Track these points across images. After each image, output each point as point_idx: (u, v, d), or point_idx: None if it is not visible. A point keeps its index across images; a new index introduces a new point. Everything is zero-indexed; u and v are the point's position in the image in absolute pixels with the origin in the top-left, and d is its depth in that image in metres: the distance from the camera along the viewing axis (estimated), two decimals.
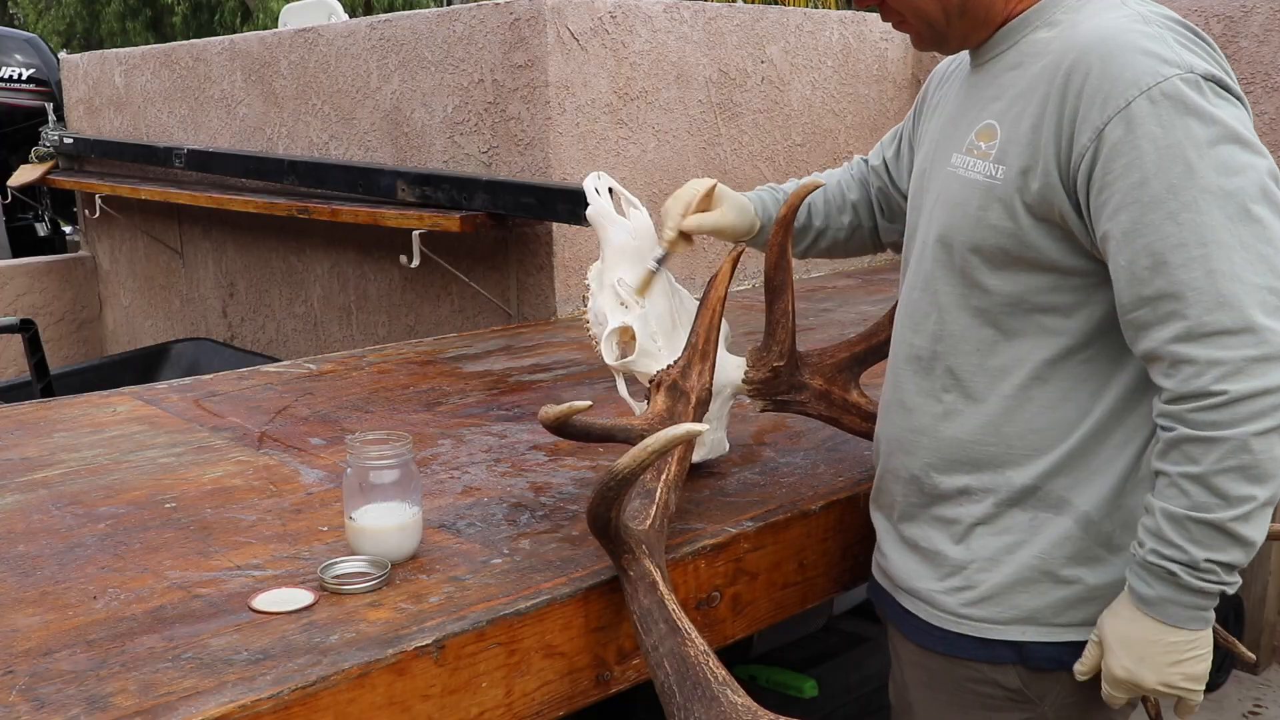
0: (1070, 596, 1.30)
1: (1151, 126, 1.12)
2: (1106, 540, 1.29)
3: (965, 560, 1.35)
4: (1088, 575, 1.30)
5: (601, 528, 1.25)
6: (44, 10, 21.56)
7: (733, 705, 1.12)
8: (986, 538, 1.34)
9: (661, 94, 3.30)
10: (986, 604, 1.33)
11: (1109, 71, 1.15)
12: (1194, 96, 1.13)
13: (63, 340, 5.48)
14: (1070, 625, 1.31)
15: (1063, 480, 1.29)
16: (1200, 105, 1.12)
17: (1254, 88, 3.19)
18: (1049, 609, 1.31)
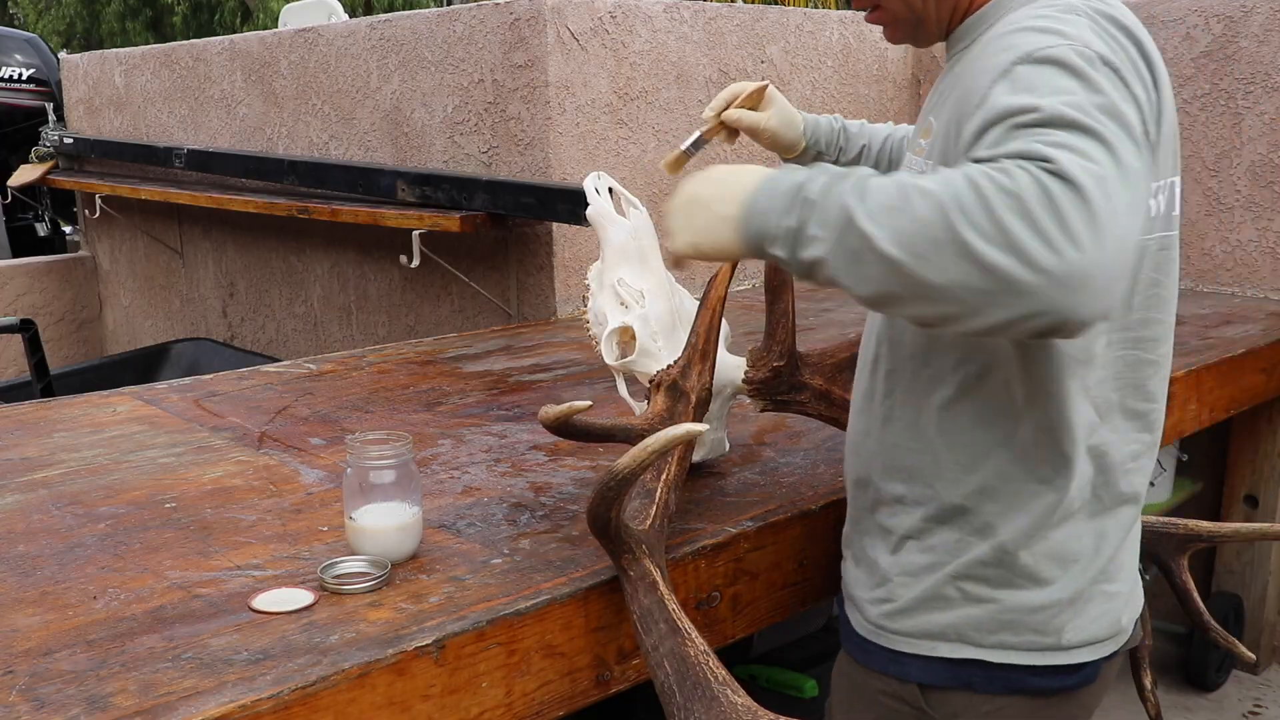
0: (981, 616, 1.27)
1: (1026, 77, 1.05)
2: (1027, 572, 1.26)
3: (892, 572, 1.33)
4: (1005, 597, 1.26)
5: (601, 528, 1.25)
6: (44, 10, 21.56)
7: (733, 705, 1.12)
8: (915, 552, 1.31)
9: (661, 94, 3.29)
10: (901, 617, 1.31)
11: (1004, 46, 1.10)
12: (1081, 64, 1.04)
13: (63, 340, 5.48)
14: (979, 645, 1.28)
15: (989, 505, 1.26)
16: (1085, 71, 1.04)
17: (1254, 88, 3.20)
18: (958, 626, 1.28)
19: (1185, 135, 3.34)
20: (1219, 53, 3.25)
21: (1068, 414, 1.22)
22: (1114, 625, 1.31)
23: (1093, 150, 0.98)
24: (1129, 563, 1.33)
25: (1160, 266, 1.24)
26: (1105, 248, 0.94)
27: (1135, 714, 1.85)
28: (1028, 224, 0.94)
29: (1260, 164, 3.22)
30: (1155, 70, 1.14)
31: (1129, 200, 0.98)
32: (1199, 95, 3.31)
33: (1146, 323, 1.24)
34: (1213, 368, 2.52)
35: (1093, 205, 0.95)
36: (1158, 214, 1.20)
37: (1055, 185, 0.95)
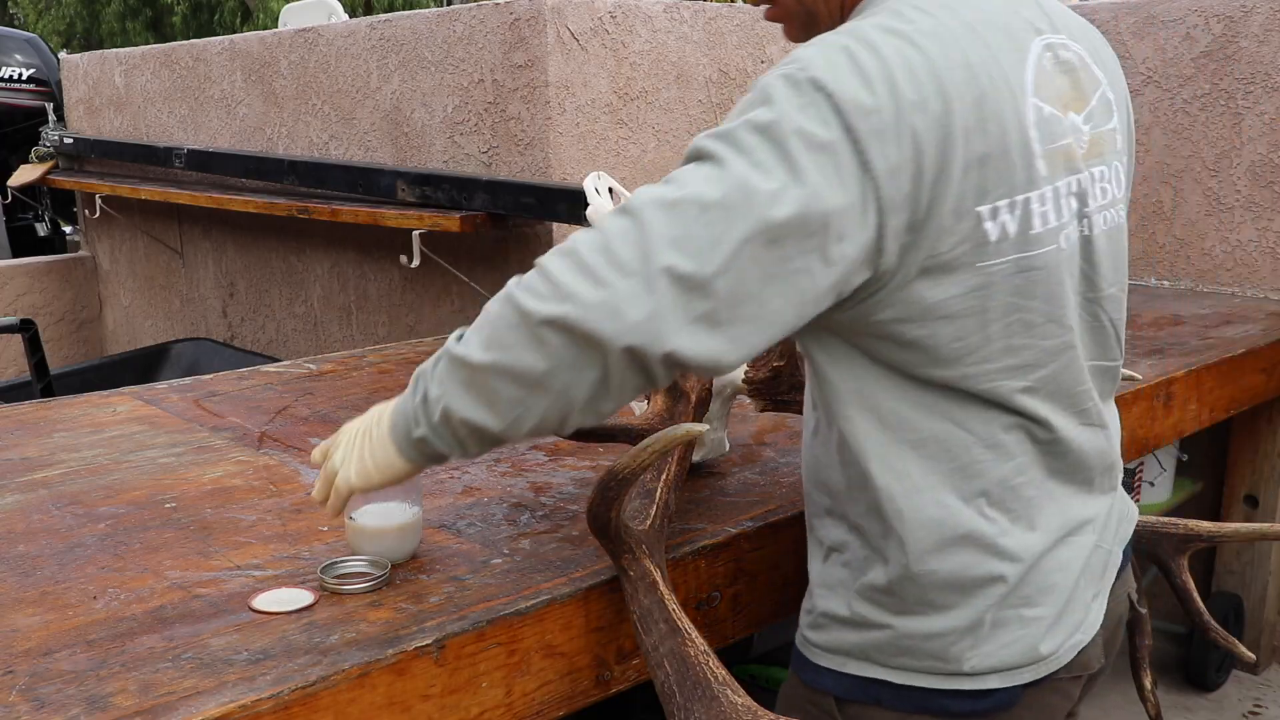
0: (881, 639, 1.24)
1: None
2: (921, 599, 1.22)
3: (816, 583, 1.32)
4: (899, 623, 1.23)
5: (601, 528, 1.25)
6: (44, 10, 21.57)
7: (733, 705, 1.12)
8: (836, 565, 1.29)
9: (661, 94, 3.30)
10: (818, 630, 1.30)
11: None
12: (770, 90, 1.04)
13: (63, 340, 5.49)
14: (883, 665, 1.25)
15: (877, 526, 1.23)
16: (767, 97, 1.04)
17: (1254, 88, 3.20)
18: (863, 646, 1.26)
19: (1185, 135, 3.35)
20: (1219, 53, 3.25)
21: (943, 444, 1.19)
22: (1029, 653, 1.22)
23: (689, 176, 1.03)
24: (1059, 584, 1.24)
25: (1021, 290, 1.14)
26: (651, 274, 1.00)
27: (1135, 714, 1.86)
28: (584, 276, 1.03)
29: (1260, 164, 3.22)
30: (945, 87, 1.06)
31: (720, 213, 1.00)
32: (1199, 95, 3.31)
33: (1011, 350, 1.16)
34: (1213, 368, 2.52)
35: (646, 231, 1.00)
36: (1004, 236, 1.11)
37: (614, 228, 1.03)
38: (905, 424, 1.18)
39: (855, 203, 1.03)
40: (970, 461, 1.19)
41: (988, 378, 1.16)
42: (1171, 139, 3.37)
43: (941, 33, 1.09)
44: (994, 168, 1.09)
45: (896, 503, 1.19)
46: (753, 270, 1.03)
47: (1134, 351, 2.55)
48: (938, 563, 1.20)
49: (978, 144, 1.07)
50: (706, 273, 1.01)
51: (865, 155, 1.03)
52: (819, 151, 1.02)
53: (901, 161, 1.04)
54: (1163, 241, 3.45)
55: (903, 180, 1.04)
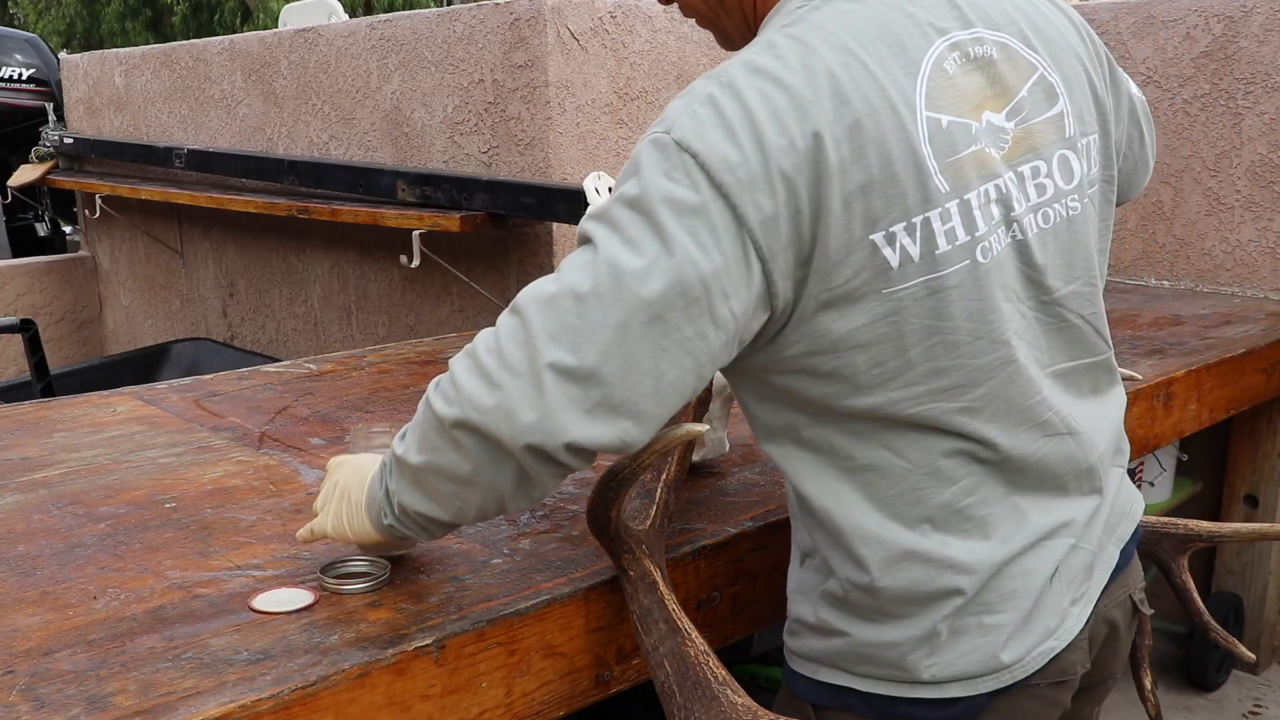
0: (843, 647, 1.23)
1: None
2: (873, 608, 1.20)
3: (791, 588, 1.32)
4: (857, 630, 1.22)
5: (601, 528, 1.25)
6: (44, 10, 21.58)
7: (733, 705, 1.12)
8: (809, 570, 1.28)
9: (661, 94, 3.30)
10: (793, 637, 1.30)
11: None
12: (642, 159, 1.06)
13: (63, 340, 5.49)
14: (850, 673, 1.24)
15: (824, 539, 1.22)
16: (637, 167, 1.06)
17: (1254, 88, 3.20)
18: (829, 654, 1.25)
19: (1185, 135, 3.35)
20: (1219, 53, 3.25)
21: (880, 472, 1.17)
22: (989, 661, 1.19)
23: (568, 266, 1.05)
24: (1023, 589, 1.20)
25: (936, 312, 1.10)
26: (538, 373, 1.02)
27: (1135, 714, 1.86)
28: (479, 380, 1.06)
29: (1260, 164, 3.22)
30: (812, 119, 1.03)
31: (594, 304, 1.02)
32: (1199, 95, 3.31)
33: (937, 373, 1.12)
34: (1213, 368, 2.52)
35: (530, 329, 1.03)
36: (908, 260, 1.07)
37: (502, 328, 1.07)
38: (839, 452, 1.16)
39: (736, 259, 1.03)
40: (909, 488, 1.16)
41: (916, 401, 1.13)
42: (1171, 139, 3.37)
43: (811, 63, 1.06)
44: (880, 194, 1.05)
45: (837, 523, 1.18)
46: (641, 349, 1.03)
47: (1134, 351, 2.55)
48: (890, 578, 1.17)
49: (856, 174, 1.04)
50: (590, 363, 1.02)
51: (738, 210, 1.02)
52: (690, 216, 1.02)
53: (776, 208, 1.02)
54: (1163, 241, 3.45)
55: (780, 226, 1.03)
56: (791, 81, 1.04)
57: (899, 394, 1.12)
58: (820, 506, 1.18)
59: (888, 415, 1.13)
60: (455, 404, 1.07)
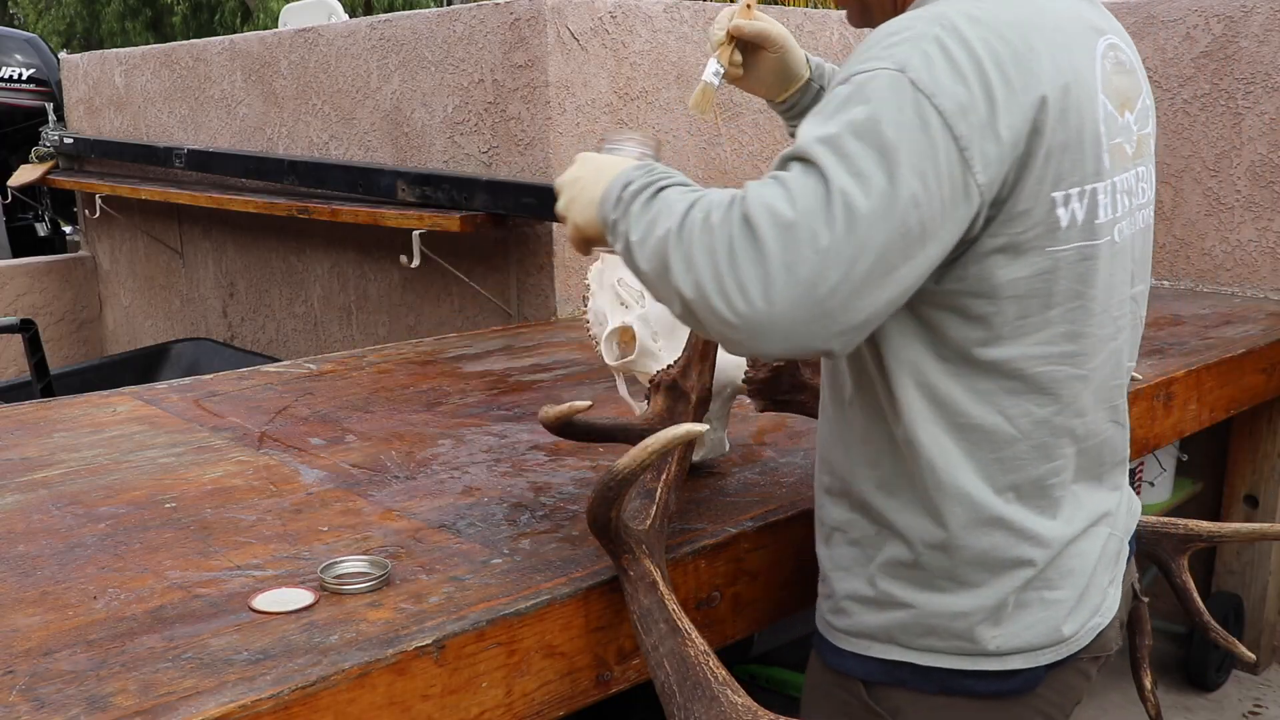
0: (905, 619, 1.26)
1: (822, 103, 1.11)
2: (946, 573, 1.24)
3: (827, 566, 1.34)
4: (923, 601, 1.25)
5: (601, 528, 1.25)
6: (44, 10, 21.57)
7: (733, 705, 1.12)
8: (842, 545, 1.31)
9: (661, 94, 3.30)
10: (839, 615, 1.31)
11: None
12: (869, 89, 1.07)
13: (63, 340, 5.49)
14: (908, 647, 1.26)
15: (893, 502, 1.25)
16: (865, 96, 1.07)
17: (1254, 88, 3.20)
18: (886, 628, 1.27)
19: (1185, 135, 3.35)
20: (1219, 53, 3.25)
21: (989, 435, 1.21)
22: (1052, 634, 1.26)
23: (799, 189, 1.04)
24: (1079, 568, 1.28)
25: (1083, 278, 1.18)
26: (775, 303, 1.02)
27: (1135, 714, 1.86)
28: (713, 272, 1.05)
29: (1260, 164, 3.22)
30: (1033, 74, 1.10)
31: (829, 242, 1.02)
32: (1199, 95, 3.31)
33: (1070, 336, 1.20)
34: (1213, 368, 2.52)
35: (767, 259, 1.02)
36: (1072, 224, 1.15)
37: (739, 233, 1.04)
38: (955, 407, 1.20)
39: (956, 201, 1.07)
40: (1011, 457, 1.22)
41: (1046, 360, 1.19)
42: (1171, 139, 3.37)
43: (1023, 23, 1.12)
44: (1071, 156, 1.13)
45: (938, 475, 1.21)
46: (864, 285, 1.05)
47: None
48: (972, 539, 1.22)
49: (1059, 133, 1.11)
50: (818, 295, 1.04)
51: (966, 155, 1.06)
52: (920, 157, 1.05)
53: (1000, 154, 1.08)
54: (1163, 241, 3.45)
55: (996, 170, 1.08)
56: (1012, 37, 1.11)
57: (1034, 350, 1.18)
58: (927, 457, 1.21)
59: (1016, 371, 1.19)
60: (686, 280, 1.07)
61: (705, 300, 1.05)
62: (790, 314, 1.03)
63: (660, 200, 1.14)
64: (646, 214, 1.14)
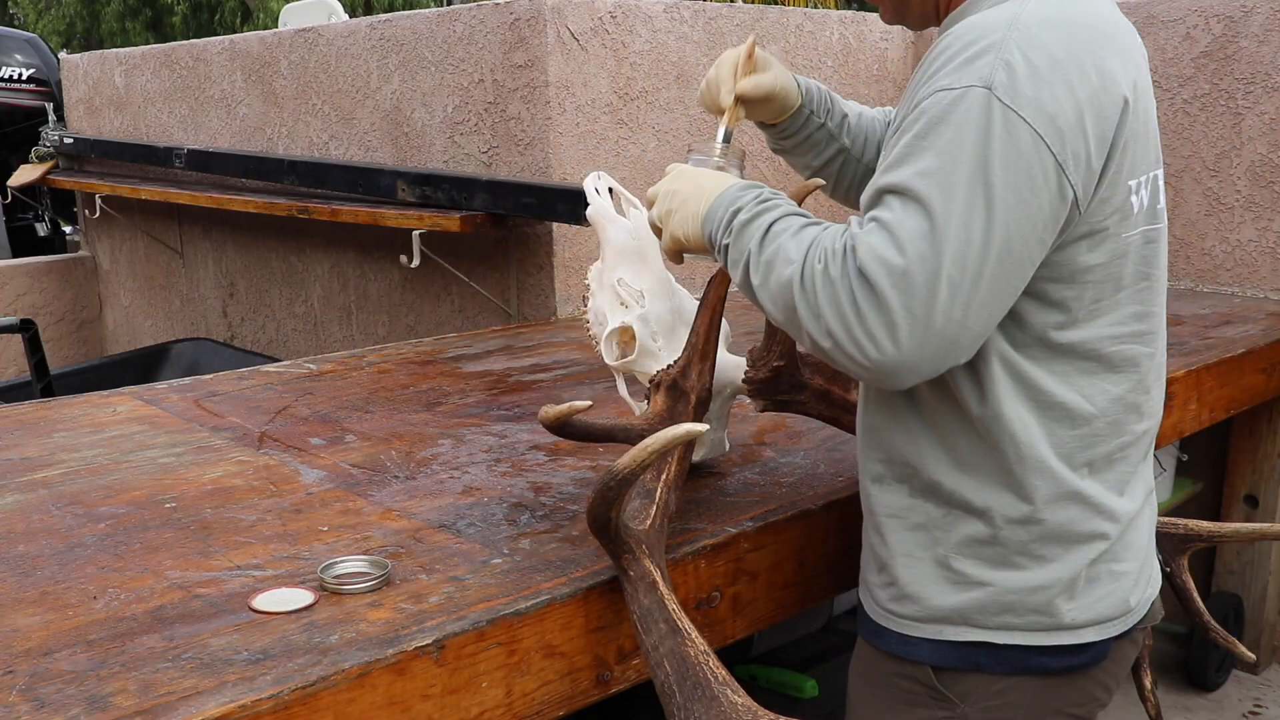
0: (982, 599, 1.28)
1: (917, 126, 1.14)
2: (1023, 549, 1.27)
3: (888, 554, 1.35)
4: (999, 579, 1.28)
5: (601, 528, 1.25)
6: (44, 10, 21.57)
7: (733, 705, 1.12)
8: (902, 532, 1.33)
9: (661, 94, 3.30)
10: (905, 601, 1.33)
11: (938, 63, 1.16)
12: (962, 113, 1.11)
13: (63, 340, 5.48)
14: (984, 627, 1.29)
15: (970, 480, 1.27)
16: (959, 121, 1.11)
17: (1254, 88, 3.20)
18: (962, 609, 1.29)
19: (1185, 135, 3.35)
20: (1219, 53, 3.25)
21: (1069, 413, 1.25)
22: (1121, 605, 1.31)
23: (905, 231, 1.09)
24: (1138, 542, 1.34)
25: (1148, 260, 1.26)
26: (903, 346, 1.10)
27: (1135, 714, 1.86)
28: (842, 324, 1.12)
29: (1260, 164, 3.22)
30: (1109, 74, 1.15)
31: (942, 279, 1.08)
32: (1199, 95, 3.31)
33: (1139, 316, 1.27)
34: (1213, 368, 2.52)
35: (888, 309, 1.09)
36: (1140, 209, 1.22)
37: (858, 286, 1.11)
38: (1036, 385, 1.24)
39: (1054, 204, 1.13)
40: (1089, 433, 1.26)
41: (1120, 340, 1.25)
42: (1171, 139, 3.37)
43: (1091, 22, 1.17)
44: (1140, 146, 1.20)
45: (1022, 450, 1.24)
46: (981, 302, 1.12)
47: None
48: (1052, 512, 1.26)
49: (1134, 124, 1.18)
50: (940, 328, 1.11)
51: (1059, 158, 1.11)
52: (1015, 172, 1.10)
53: (1088, 150, 1.13)
54: None
55: (1087, 165, 1.14)
56: (1088, 37, 1.16)
57: (1108, 330, 1.24)
58: (1011, 432, 1.24)
59: (1091, 351, 1.24)
60: (822, 335, 1.14)
61: (839, 348, 1.13)
62: (919, 352, 1.11)
63: (774, 240, 1.20)
64: (763, 253, 1.20)
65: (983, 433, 1.25)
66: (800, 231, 1.19)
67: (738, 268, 1.25)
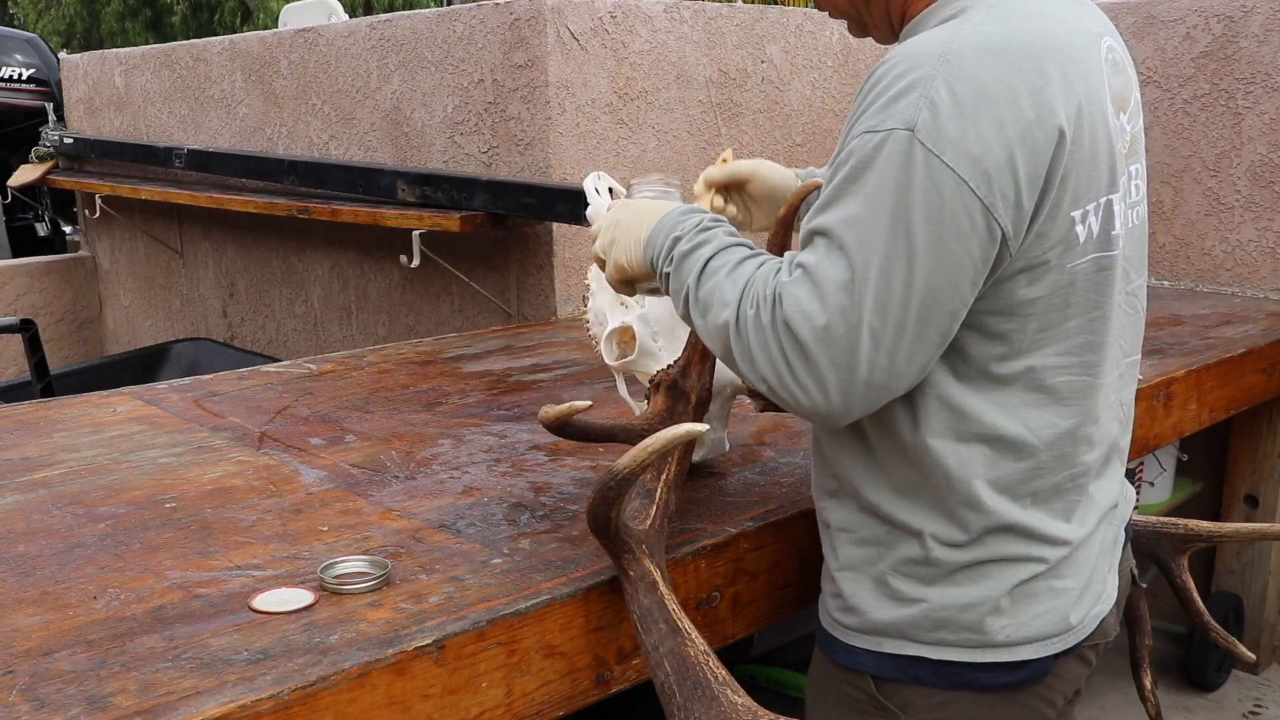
0: (917, 615, 1.27)
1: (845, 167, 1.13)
2: (956, 569, 1.26)
3: (835, 567, 1.34)
4: (933, 595, 1.26)
5: (601, 528, 1.25)
6: (44, 10, 21.57)
7: (733, 705, 1.12)
8: (850, 545, 1.32)
9: (661, 94, 3.30)
10: (849, 613, 1.32)
11: (866, 94, 1.14)
12: (883, 156, 1.09)
13: (63, 340, 5.48)
14: (920, 642, 1.28)
15: (907, 505, 1.26)
16: (879, 164, 1.09)
17: (1254, 88, 3.20)
18: (898, 624, 1.28)
19: (1185, 135, 3.35)
20: (1219, 53, 3.25)
21: (1012, 446, 1.23)
22: (1060, 623, 1.28)
23: (827, 282, 1.10)
24: (1085, 559, 1.30)
25: (1099, 288, 1.21)
26: (831, 396, 1.11)
27: (1135, 714, 1.86)
28: (774, 373, 1.14)
29: (1260, 164, 3.22)
30: (1045, 103, 1.10)
31: (864, 331, 1.09)
32: (1199, 95, 3.31)
33: (1089, 346, 1.23)
34: (1213, 368, 2.52)
35: (814, 362, 1.11)
36: (1089, 238, 1.17)
37: (785, 338, 1.12)
38: (977, 419, 1.21)
39: (982, 247, 1.10)
40: (1034, 466, 1.24)
41: (1063, 370, 1.22)
42: (1171, 139, 3.37)
43: (1033, 45, 1.12)
44: (1086, 174, 1.14)
45: (953, 482, 1.23)
46: (905, 350, 1.12)
47: None
48: (984, 543, 1.24)
49: (1076, 155, 1.13)
50: (868, 377, 1.12)
51: (987, 200, 1.08)
52: (938, 221, 1.08)
53: (1016, 188, 1.09)
54: (1163, 241, 3.45)
55: (1018, 205, 1.10)
56: (1023, 64, 1.10)
57: (1053, 360, 1.20)
58: (942, 465, 1.22)
59: (1036, 382, 1.21)
60: (755, 378, 1.16)
61: (774, 393, 1.15)
62: (848, 400, 1.12)
63: (711, 277, 1.20)
64: (700, 290, 1.21)
65: (915, 461, 1.23)
66: (735, 269, 1.19)
67: (679, 299, 1.25)
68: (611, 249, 1.35)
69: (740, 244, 1.24)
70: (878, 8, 1.29)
